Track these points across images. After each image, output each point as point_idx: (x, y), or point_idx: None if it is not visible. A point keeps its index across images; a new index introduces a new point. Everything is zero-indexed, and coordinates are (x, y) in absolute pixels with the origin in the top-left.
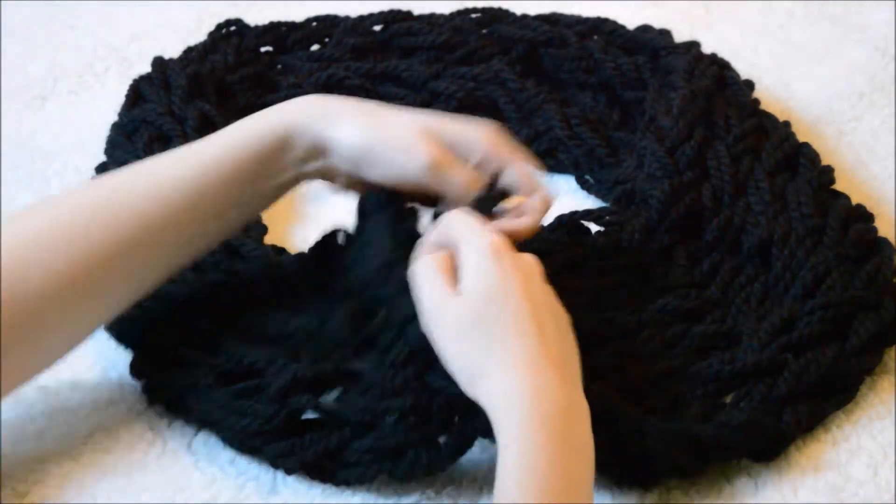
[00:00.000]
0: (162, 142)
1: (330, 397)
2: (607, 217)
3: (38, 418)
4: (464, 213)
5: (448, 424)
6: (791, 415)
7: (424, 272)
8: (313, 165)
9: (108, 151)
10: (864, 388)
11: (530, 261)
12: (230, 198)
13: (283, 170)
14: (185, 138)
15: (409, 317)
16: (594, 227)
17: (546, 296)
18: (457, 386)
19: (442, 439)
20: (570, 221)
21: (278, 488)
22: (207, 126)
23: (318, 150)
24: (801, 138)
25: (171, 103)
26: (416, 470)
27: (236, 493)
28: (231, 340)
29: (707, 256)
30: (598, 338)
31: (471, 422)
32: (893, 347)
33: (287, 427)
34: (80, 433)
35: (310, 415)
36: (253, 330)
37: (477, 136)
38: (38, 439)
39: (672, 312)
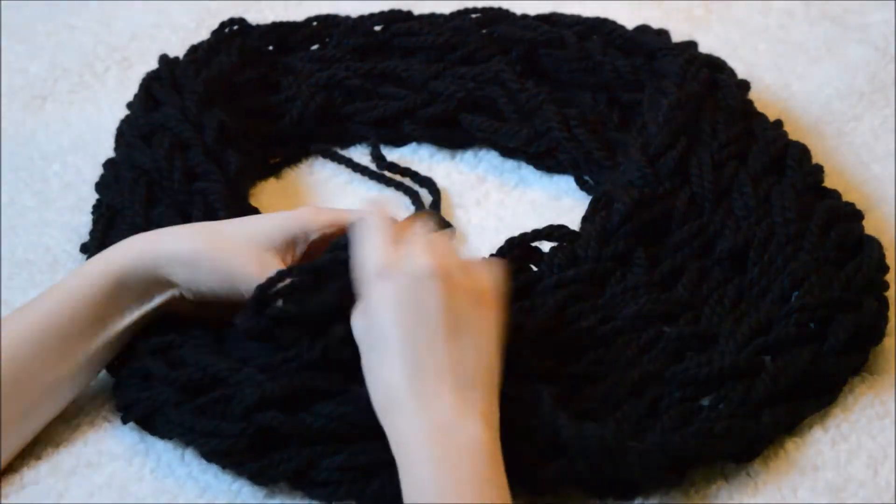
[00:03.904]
0: (181, 150)
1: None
2: (558, 233)
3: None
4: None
5: None
6: (769, 416)
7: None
8: (157, 300)
9: (121, 150)
10: (863, 388)
11: (420, 266)
12: (71, 349)
13: (121, 313)
14: (205, 147)
15: None
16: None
17: (437, 306)
18: None
19: None
20: (520, 244)
21: (274, 492)
22: (225, 136)
23: (155, 283)
24: (801, 138)
25: (186, 108)
26: (385, 495)
27: (232, 498)
28: (194, 350)
29: (668, 258)
30: (574, 348)
31: None
32: (894, 348)
33: (255, 444)
34: (72, 448)
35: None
36: (218, 342)
37: (302, 218)
38: (30, 457)
39: (645, 317)
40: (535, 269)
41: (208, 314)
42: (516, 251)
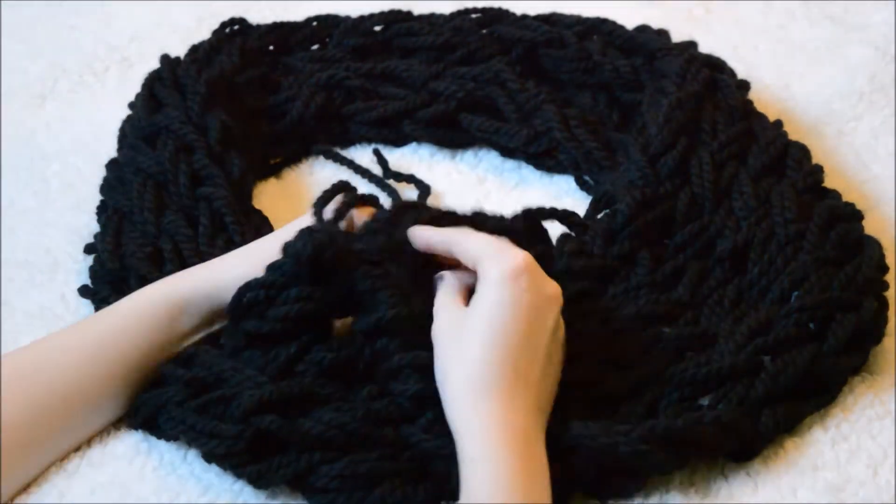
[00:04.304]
0: (186, 153)
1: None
2: (571, 220)
3: None
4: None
5: (419, 477)
6: (769, 416)
7: (443, 287)
8: (217, 325)
9: (124, 152)
10: (863, 388)
11: (553, 290)
12: (130, 367)
13: (181, 339)
14: (209, 149)
15: (400, 369)
16: (558, 228)
17: (551, 326)
18: (438, 442)
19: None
20: (535, 216)
21: (276, 493)
22: (228, 137)
23: (217, 309)
24: (801, 138)
25: (189, 109)
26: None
27: (234, 497)
28: (206, 353)
29: (671, 259)
30: (575, 350)
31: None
32: (894, 348)
33: (254, 447)
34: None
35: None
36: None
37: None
38: None
39: (644, 318)
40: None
41: None
42: (528, 225)
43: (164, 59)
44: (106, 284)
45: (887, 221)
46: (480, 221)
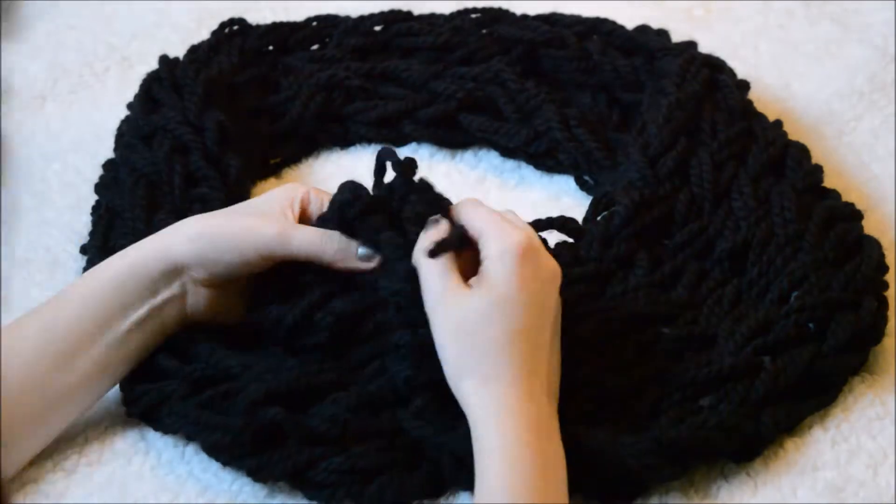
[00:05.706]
0: (182, 153)
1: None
2: (570, 226)
3: None
4: (483, 205)
5: (416, 463)
6: (769, 416)
7: (435, 265)
8: (162, 295)
9: (120, 152)
10: (863, 388)
11: (553, 267)
12: (74, 353)
13: (124, 311)
14: (205, 150)
15: (398, 348)
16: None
17: (553, 308)
18: (428, 429)
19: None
20: (538, 230)
21: (274, 492)
22: (225, 137)
23: (162, 275)
24: (801, 138)
25: (186, 110)
26: (383, 498)
27: (232, 497)
28: (208, 347)
29: (670, 259)
30: (573, 353)
31: (440, 468)
32: (894, 348)
33: (258, 440)
34: (73, 446)
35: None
36: (231, 336)
37: (290, 189)
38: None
39: (643, 318)
40: None
41: (215, 316)
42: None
43: (163, 59)
44: None
45: (887, 221)
46: None
